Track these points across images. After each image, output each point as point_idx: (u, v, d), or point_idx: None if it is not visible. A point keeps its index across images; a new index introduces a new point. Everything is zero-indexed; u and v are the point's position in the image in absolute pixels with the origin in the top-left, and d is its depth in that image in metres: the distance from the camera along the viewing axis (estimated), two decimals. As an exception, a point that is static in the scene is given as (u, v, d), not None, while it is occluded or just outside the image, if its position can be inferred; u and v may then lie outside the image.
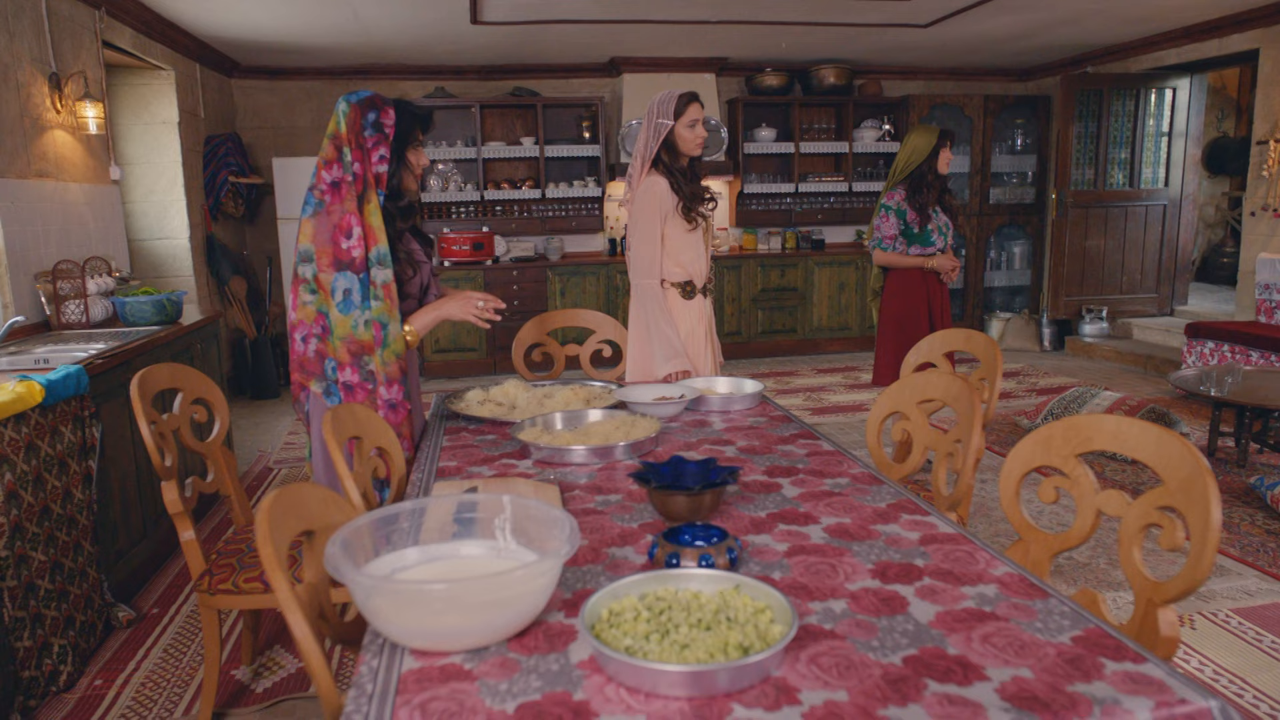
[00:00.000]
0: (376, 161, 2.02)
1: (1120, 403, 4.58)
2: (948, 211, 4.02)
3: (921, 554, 1.37)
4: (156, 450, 2.07)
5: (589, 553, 1.41)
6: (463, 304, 2.20)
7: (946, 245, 4.02)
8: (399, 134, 2.07)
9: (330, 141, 2.04)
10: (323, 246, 2.00)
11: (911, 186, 3.93)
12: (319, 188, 2.03)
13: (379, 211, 2.04)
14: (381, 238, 2.03)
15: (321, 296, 2.02)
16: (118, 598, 2.86)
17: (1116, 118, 6.95)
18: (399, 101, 2.12)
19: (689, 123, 2.84)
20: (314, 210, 2.03)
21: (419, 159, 2.17)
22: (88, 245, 4.06)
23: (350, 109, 2.04)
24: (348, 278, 2.00)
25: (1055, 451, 1.57)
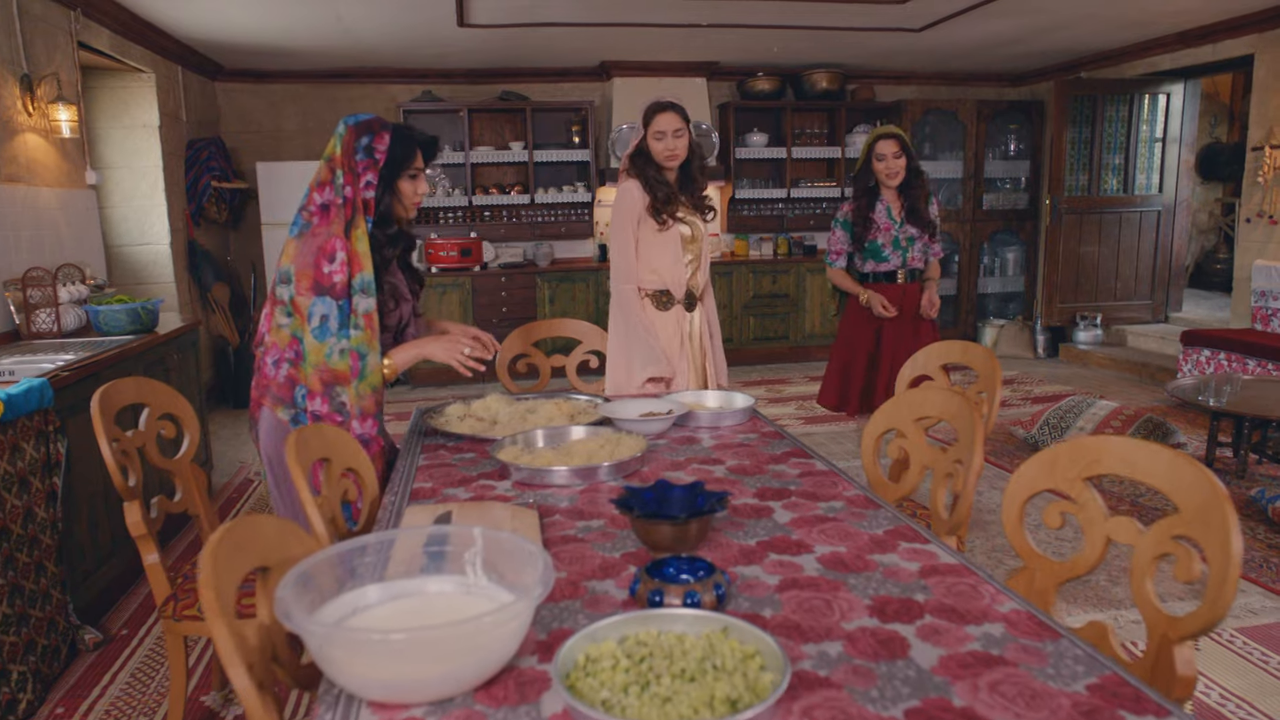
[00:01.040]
0: (364, 187, 1.95)
1: (1116, 412, 4.51)
2: (917, 222, 3.55)
3: (922, 588, 1.29)
4: (118, 470, 1.97)
5: (567, 586, 1.32)
6: (448, 347, 2.09)
7: (906, 261, 3.57)
8: (391, 160, 1.99)
9: (325, 164, 1.98)
10: (304, 269, 1.92)
11: (855, 194, 3.63)
12: (308, 209, 1.97)
13: (366, 238, 1.96)
14: (367, 265, 1.96)
15: (297, 320, 1.93)
16: (84, 620, 2.76)
17: (1110, 123, 6.90)
18: (398, 127, 2.04)
19: (655, 134, 2.77)
20: (300, 231, 1.96)
21: (416, 188, 2.08)
22: (61, 252, 3.95)
23: (347, 131, 1.98)
24: (326, 303, 1.91)
25: (1061, 474, 1.49)
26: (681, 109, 2.79)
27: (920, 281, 3.65)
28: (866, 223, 3.56)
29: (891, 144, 3.46)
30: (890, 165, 3.47)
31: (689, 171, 2.88)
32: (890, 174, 3.48)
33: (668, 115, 2.76)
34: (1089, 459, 1.45)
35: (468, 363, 2.10)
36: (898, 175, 3.48)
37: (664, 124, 2.76)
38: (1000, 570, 3.11)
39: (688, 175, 2.88)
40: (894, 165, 3.47)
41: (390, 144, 1.98)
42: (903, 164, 3.47)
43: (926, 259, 3.64)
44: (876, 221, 3.55)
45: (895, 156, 3.46)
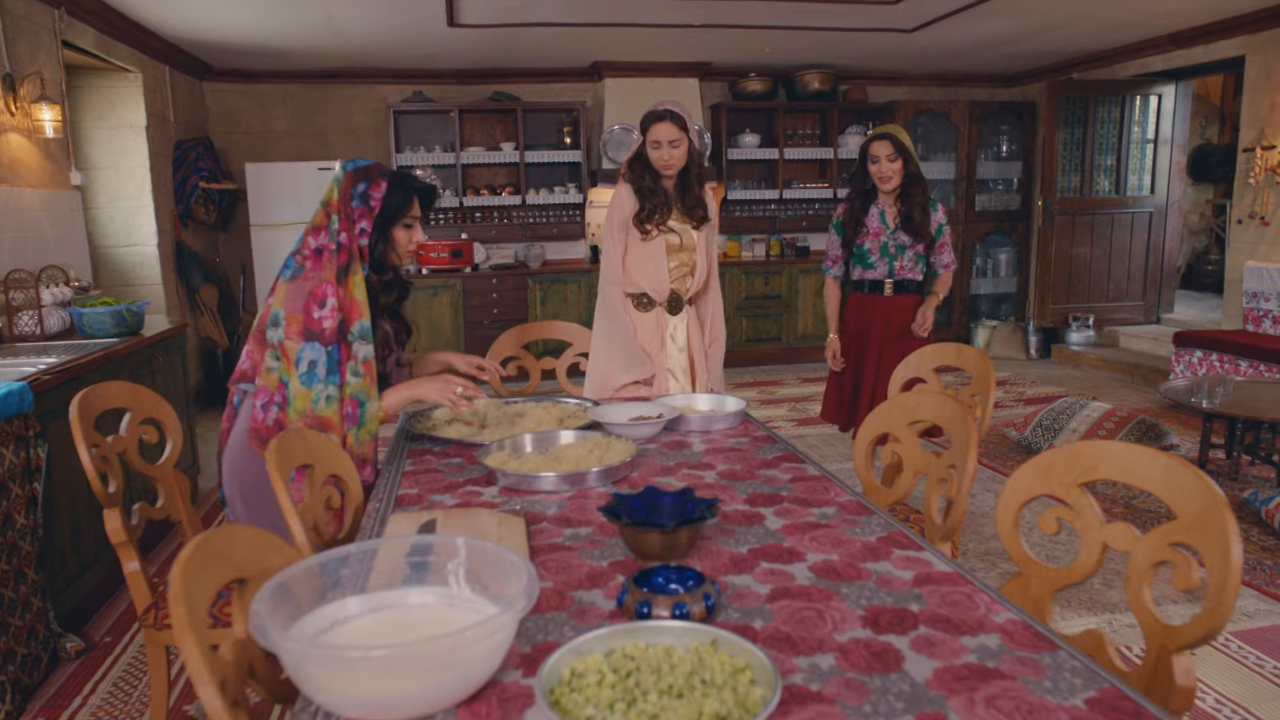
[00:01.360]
0: (359, 234, 1.93)
1: (1109, 414, 4.50)
2: (911, 231, 3.32)
3: (916, 597, 1.26)
4: (98, 476, 1.93)
5: (553, 597, 1.29)
6: (441, 387, 2.05)
7: (894, 270, 3.37)
8: (387, 208, 1.97)
9: (322, 208, 1.96)
10: (293, 313, 1.90)
11: (850, 195, 3.48)
12: (302, 253, 1.94)
13: (364, 285, 1.95)
14: (365, 312, 1.94)
15: (284, 365, 1.91)
16: (66, 627, 2.71)
17: (1102, 124, 6.90)
18: (396, 175, 2.02)
19: (652, 143, 2.75)
20: (291, 275, 1.94)
21: (411, 237, 2.06)
22: (45, 253, 3.90)
23: (345, 177, 1.96)
24: (315, 349, 1.89)
25: (1057, 480, 1.47)
26: (680, 118, 2.73)
27: (919, 295, 3.43)
28: (857, 225, 3.39)
29: (884, 145, 3.25)
30: (883, 168, 3.26)
31: (686, 180, 2.84)
32: (883, 178, 3.28)
33: (664, 125, 2.71)
34: (1085, 465, 1.43)
35: (460, 403, 2.05)
36: (890, 179, 3.27)
37: (660, 134, 2.72)
38: (994, 574, 3.09)
39: (685, 183, 2.85)
40: (887, 169, 3.26)
41: (387, 192, 1.97)
42: (898, 168, 3.26)
43: (928, 271, 3.42)
44: (868, 225, 3.37)
45: (889, 159, 3.25)
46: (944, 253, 3.39)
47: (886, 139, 3.23)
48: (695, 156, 2.83)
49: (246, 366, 2.01)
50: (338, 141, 6.88)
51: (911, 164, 3.27)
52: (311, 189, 6.11)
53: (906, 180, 3.28)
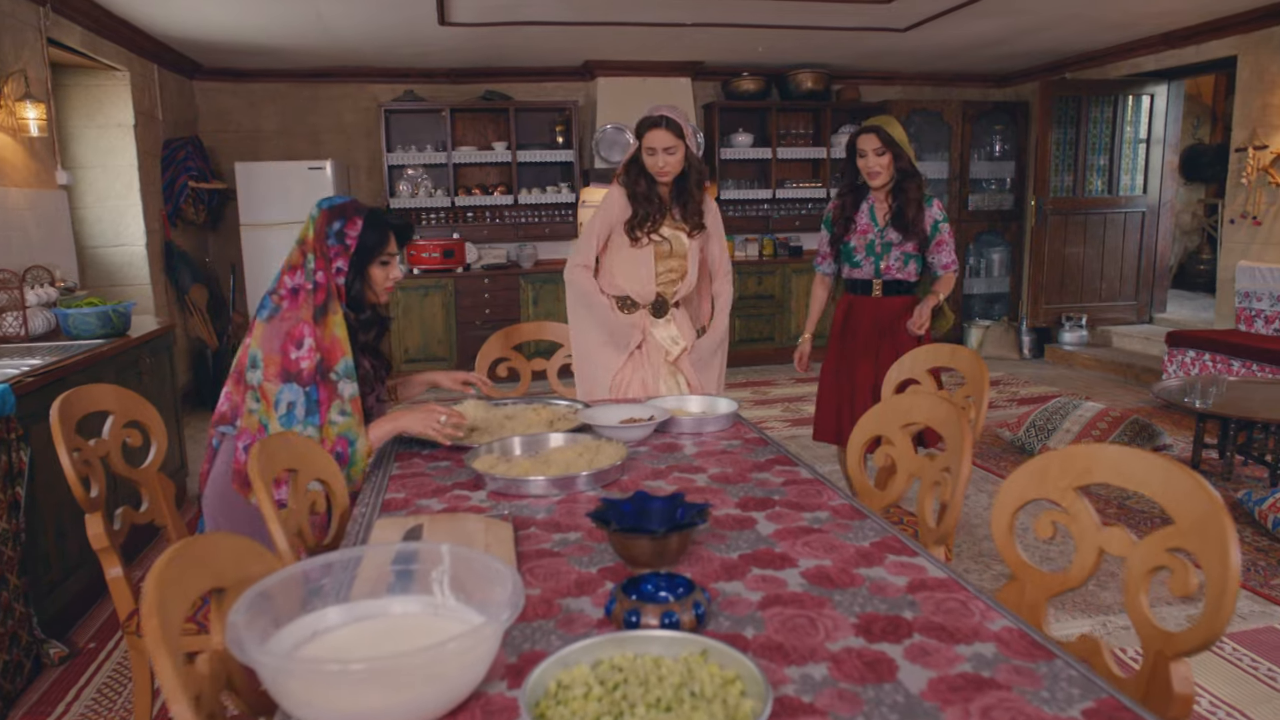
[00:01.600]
0: (335, 273, 1.91)
1: (1102, 414, 4.49)
2: (901, 227, 3.11)
3: (910, 604, 1.24)
4: (79, 481, 1.90)
5: (540, 605, 1.26)
6: (424, 418, 2.01)
7: (880, 270, 3.16)
8: (363, 247, 1.96)
9: (298, 247, 1.94)
10: (270, 355, 1.88)
11: (840, 191, 3.31)
12: (278, 293, 1.92)
13: (344, 324, 1.93)
14: (348, 349, 1.92)
15: (264, 407, 1.88)
16: (50, 633, 2.68)
17: (1095, 124, 6.90)
18: (372, 212, 2.00)
19: (646, 149, 2.71)
20: (268, 315, 1.91)
21: (388, 274, 2.04)
22: (30, 253, 3.86)
23: (320, 215, 1.94)
24: (293, 390, 1.86)
25: (1052, 483, 1.45)
26: (676, 124, 2.68)
27: (913, 297, 3.22)
28: (846, 222, 3.22)
29: (871, 139, 3.05)
30: (870, 163, 3.07)
31: (684, 186, 2.80)
32: (870, 173, 3.09)
33: (659, 132, 2.67)
34: (1081, 468, 1.41)
35: (445, 432, 2.00)
36: (878, 175, 3.08)
37: (655, 140, 2.68)
38: (988, 575, 3.08)
39: (683, 189, 2.81)
40: (874, 163, 3.07)
41: (362, 230, 1.95)
42: (885, 162, 3.06)
43: (922, 270, 3.21)
44: (856, 222, 3.21)
45: (877, 153, 3.05)
46: (942, 252, 3.16)
47: (873, 132, 3.05)
48: (694, 163, 2.79)
49: (226, 408, 1.98)
50: (329, 141, 6.83)
51: (903, 158, 3.07)
52: (302, 188, 6.07)
53: (899, 175, 3.10)
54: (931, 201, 3.16)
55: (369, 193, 6.96)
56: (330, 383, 1.89)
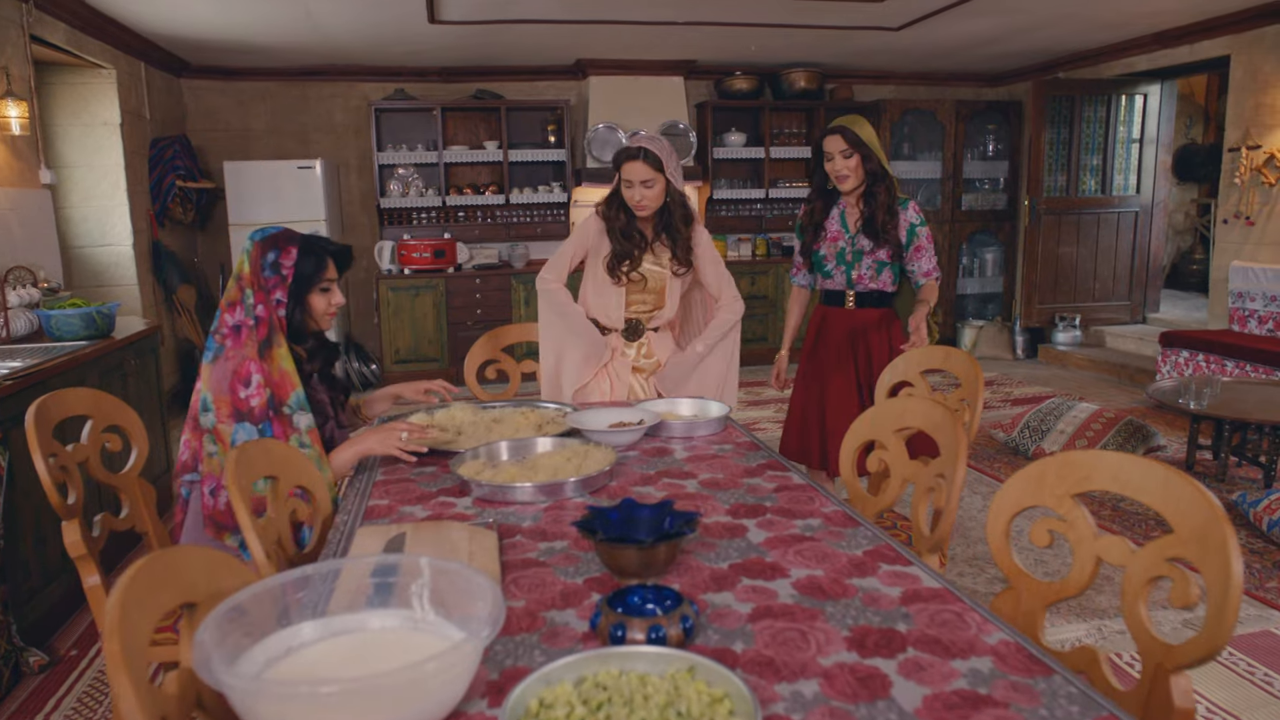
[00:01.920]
0: (275, 305, 1.87)
1: (1097, 415, 4.47)
2: (872, 234, 2.90)
3: (904, 616, 1.21)
4: (54, 488, 1.86)
5: (524, 617, 1.22)
6: (384, 437, 1.96)
7: (852, 280, 2.97)
8: (299, 276, 1.91)
9: (235, 283, 1.89)
10: (220, 396, 1.84)
11: (810, 196, 3.10)
12: (220, 332, 1.88)
13: (290, 356, 1.88)
14: (297, 381, 1.87)
15: (222, 449, 1.84)
16: (30, 641, 2.63)
17: (1088, 124, 6.89)
18: (307, 239, 1.95)
19: (624, 182, 2.60)
20: (213, 356, 1.87)
21: (329, 301, 2.00)
22: (13, 254, 3.80)
23: (254, 247, 1.89)
24: (246, 429, 1.82)
25: (1049, 491, 1.42)
26: (655, 157, 2.55)
27: (889, 309, 3.02)
28: (816, 229, 3.02)
29: (837, 141, 2.84)
30: (838, 166, 2.86)
31: (670, 221, 2.67)
32: (838, 176, 2.88)
33: (635, 165, 2.55)
34: (1079, 475, 1.38)
35: (408, 447, 1.96)
36: (847, 178, 2.88)
37: (632, 173, 2.56)
38: (983, 578, 3.05)
39: (668, 224, 2.68)
40: (841, 166, 2.86)
41: (298, 258, 1.90)
42: (854, 165, 2.85)
43: (900, 279, 3.01)
44: (826, 229, 3.00)
45: (844, 155, 2.84)
46: (922, 258, 2.95)
47: (839, 133, 2.84)
48: (675, 197, 2.67)
49: (186, 457, 1.94)
50: (319, 140, 6.78)
51: (872, 160, 2.86)
52: (292, 188, 6.02)
53: (869, 178, 2.89)
54: (907, 204, 2.95)
55: (359, 192, 6.91)
56: (284, 417, 1.84)
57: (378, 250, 6.51)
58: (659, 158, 2.56)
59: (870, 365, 2.93)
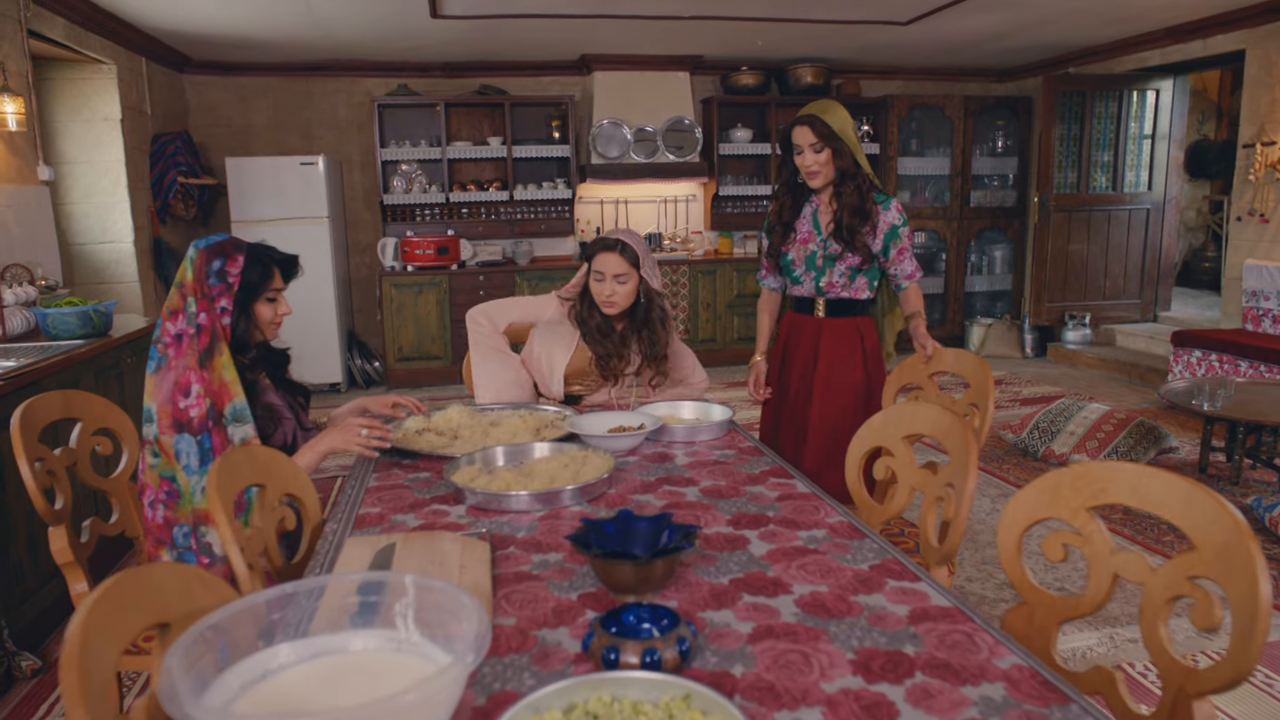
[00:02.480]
0: (219, 314, 1.82)
1: (1108, 416, 4.40)
2: (844, 239, 2.55)
3: (911, 637, 1.15)
4: (40, 493, 1.81)
5: (515, 636, 1.17)
6: (344, 433, 1.92)
7: (822, 287, 2.63)
8: (246, 284, 1.86)
9: (177, 290, 1.84)
10: (162, 406, 1.79)
11: (777, 192, 2.73)
12: (162, 341, 1.82)
13: (232, 365, 1.82)
14: (238, 391, 1.81)
15: (164, 460, 1.80)
16: (22, 645, 2.59)
17: (1099, 120, 6.79)
18: (253, 247, 1.90)
19: (594, 274, 2.43)
20: (156, 366, 1.81)
21: (276, 310, 1.95)
22: (11, 251, 3.76)
23: (198, 255, 1.84)
24: (187, 440, 1.77)
25: (1064, 503, 1.36)
26: (633, 251, 2.40)
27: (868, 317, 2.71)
28: (784, 229, 2.67)
29: (805, 132, 2.49)
30: (807, 161, 2.52)
31: (647, 318, 2.48)
32: (808, 172, 2.54)
33: (611, 257, 2.39)
34: (1095, 487, 1.32)
35: (370, 443, 1.93)
36: (816, 174, 2.53)
37: (605, 265, 2.40)
38: (990, 584, 2.99)
39: (643, 321, 2.48)
40: (811, 161, 2.51)
41: (245, 266, 1.86)
42: (824, 159, 2.50)
43: (878, 285, 2.70)
44: (796, 230, 2.66)
45: (814, 149, 2.49)
46: (904, 261, 2.62)
47: (808, 124, 2.49)
48: (650, 300, 2.47)
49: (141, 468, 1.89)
50: (322, 136, 6.74)
51: (844, 155, 2.51)
52: (294, 184, 5.97)
53: (839, 175, 2.54)
54: (889, 203, 2.59)
55: (362, 188, 6.86)
56: (222, 428, 1.80)
57: (381, 247, 6.46)
58: (636, 253, 2.42)
59: (829, 380, 2.65)
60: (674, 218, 7.29)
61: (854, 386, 2.65)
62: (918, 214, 7.34)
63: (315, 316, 6.05)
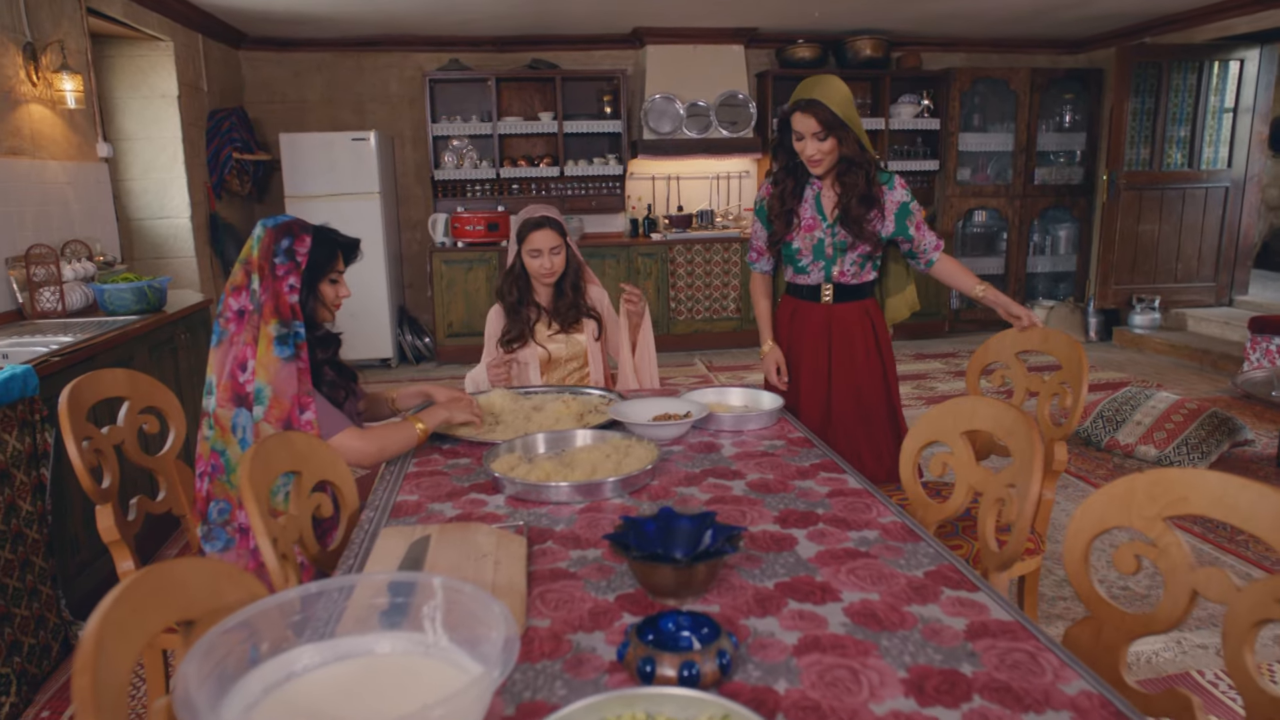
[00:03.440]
0: (287, 291, 1.81)
1: (1178, 405, 4.20)
2: (850, 224, 2.40)
3: (969, 654, 1.08)
4: (87, 472, 1.83)
5: (548, 640, 1.13)
6: (464, 408, 2.06)
7: (832, 275, 2.47)
8: (313, 263, 1.87)
9: (241, 267, 1.85)
10: (222, 380, 1.81)
11: (776, 174, 2.55)
12: (224, 315, 1.84)
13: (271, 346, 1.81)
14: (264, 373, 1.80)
15: (218, 433, 1.81)
16: (79, 615, 2.64)
17: (1176, 92, 6.46)
18: (319, 229, 1.92)
19: (530, 251, 2.62)
20: (217, 341, 1.84)
21: (337, 292, 1.97)
22: (70, 227, 3.83)
23: (265, 234, 1.85)
24: (244, 415, 1.78)
25: (1137, 512, 1.26)
26: (559, 224, 2.63)
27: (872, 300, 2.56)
28: (788, 217, 2.48)
29: (808, 121, 2.30)
30: (809, 149, 2.35)
31: (562, 287, 2.71)
32: (810, 160, 2.37)
33: (543, 233, 2.59)
34: (1174, 496, 1.22)
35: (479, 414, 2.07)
36: (819, 162, 2.38)
37: (539, 241, 2.60)
38: (1049, 581, 2.87)
39: (561, 290, 2.71)
40: (814, 150, 2.34)
41: (312, 247, 1.86)
42: (830, 147, 2.34)
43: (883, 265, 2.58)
44: (800, 217, 2.47)
45: (817, 138, 2.32)
46: (925, 234, 2.47)
47: (809, 111, 2.30)
48: (573, 263, 2.70)
49: None
50: (373, 111, 6.75)
51: (849, 142, 2.34)
52: (346, 159, 6.00)
53: (843, 164, 2.38)
54: (893, 181, 2.43)
55: (413, 164, 6.87)
56: None
57: (431, 223, 6.47)
58: (561, 224, 2.63)
59: (850, 364, 2.50)
60: (726, 194, 7.16)
61: (872, 371, 2.51)
62: (978, 192, 7.10)
63: (366, 292, 6.09)
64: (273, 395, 1.73)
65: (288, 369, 1.74)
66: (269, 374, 1.74)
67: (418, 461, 1.88)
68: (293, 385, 1.74)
